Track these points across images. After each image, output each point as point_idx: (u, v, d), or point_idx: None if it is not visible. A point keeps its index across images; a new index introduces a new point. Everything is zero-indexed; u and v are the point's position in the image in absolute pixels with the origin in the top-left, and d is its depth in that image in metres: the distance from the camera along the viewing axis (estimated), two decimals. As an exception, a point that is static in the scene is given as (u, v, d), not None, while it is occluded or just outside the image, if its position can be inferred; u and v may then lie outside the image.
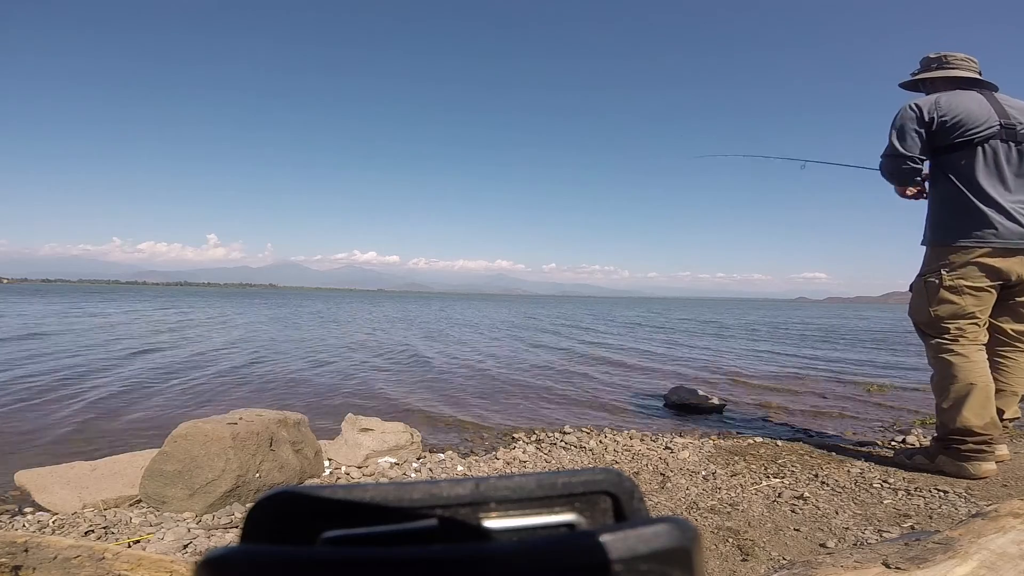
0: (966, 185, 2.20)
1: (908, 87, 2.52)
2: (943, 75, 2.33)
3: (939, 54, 2.39)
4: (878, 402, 4.41)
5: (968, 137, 2.17)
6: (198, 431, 2.09)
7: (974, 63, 2.33)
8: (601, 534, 0.15)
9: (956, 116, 2.18)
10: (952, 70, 2.33)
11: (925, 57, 2.44)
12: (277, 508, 0.17)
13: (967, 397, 2.15)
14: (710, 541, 1.62)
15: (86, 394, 4.32)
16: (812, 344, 10.36)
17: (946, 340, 2.25)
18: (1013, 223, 2.14)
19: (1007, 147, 2.17)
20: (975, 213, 2.17)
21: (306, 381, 5.32)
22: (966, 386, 2.16)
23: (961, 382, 2.18)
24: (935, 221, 2.33)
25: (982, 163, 2.17)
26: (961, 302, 2.22)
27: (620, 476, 0.20)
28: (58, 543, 0.82)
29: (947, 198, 2.26)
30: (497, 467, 2.53)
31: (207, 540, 1.72)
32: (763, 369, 6.59)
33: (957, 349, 2.22)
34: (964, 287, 2.21)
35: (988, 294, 2.22)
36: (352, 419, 2.76)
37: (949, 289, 2.23)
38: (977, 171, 2.18)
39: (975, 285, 2.20)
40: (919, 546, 0.81)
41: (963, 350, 2.22)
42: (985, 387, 2.16)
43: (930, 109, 2.22)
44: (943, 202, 2.28)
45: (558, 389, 5.04)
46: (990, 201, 2.16)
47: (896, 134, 2.30)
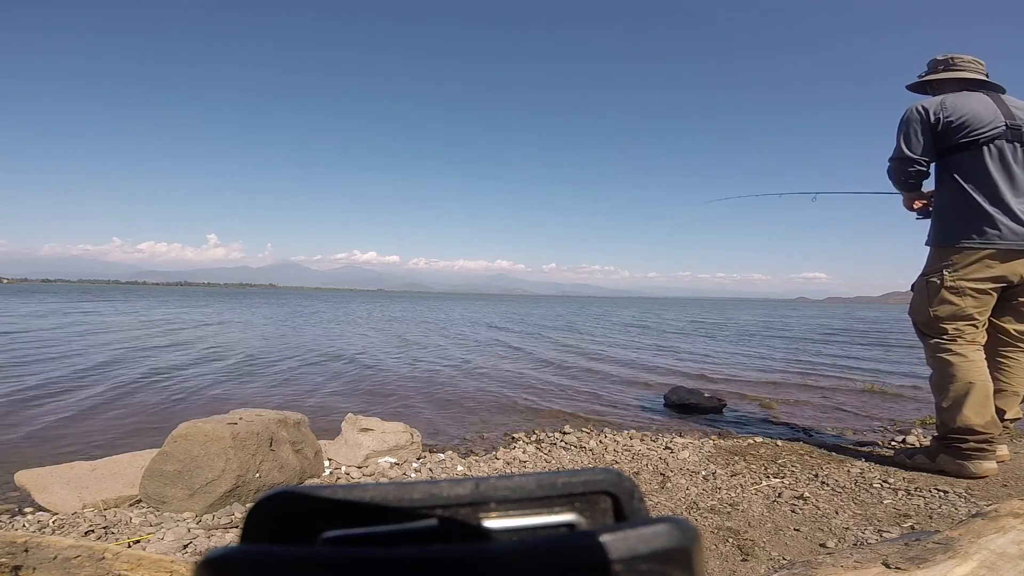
0: (971, 186, 2.19)
1: (915, 89, 2.52)
2: (950, 77, 2.33)
3: (946, 56, 2.39)
4: (878, 402, 4.41)
5: (973, 137, 2.17)
6: (198, 431, 2.09)
7: (981, 65, 2.33)
8: (601, 534, 0.15)
9: (962, 117, 2.18)
10: (959, 72, 2.32)
11: (932, 59, 2.44)
12: (277, 508, 0.17)
13: (966, 396, 2.14)
14: (710, 541, 1.62)
15: (86, 394, 4.32)
16: (812, 344, 10.35)
17: (944, 340, 2.25)
18: (1019, 224, 2.13)
19: (1013, 147, 2.16)
20: (980, 214, 2.17)
21: (306, 381, 5.32)
22: (965, 385, 2.16)
23: (960, 381, 2.17)
24: (940, 222, 2.32)
25: (988, 164, 2.16)
26: (961, 303, 2.21)
27: (620, 476, 0.20)
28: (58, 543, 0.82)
29: (952, 199, 2.25)
30: (497, 467, 2.53)
31: (207, 540, 1.72)
32: (763, 369, 6.58)
33: (955, 349, 2.22)
34: (966, 288, 2.20)
35: (989, 296, 2.21)
36: (352, 419, 2.76)
37: (950, 290, 2.23)
38: (982, 172, 2.17)
39: (977, 287, 2.19)
40: (919, 546, 0.81)
41: (961, 350, 2.21)
42: (984, 386, 2.16)
43: (936, 110, 2.22)
44: (948, 203, 2.27)
45: (558, 389, 5.04)
46: (995, 202, 2.15)
47: (903, 137, 2.31)
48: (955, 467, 2.16)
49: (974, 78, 2.30)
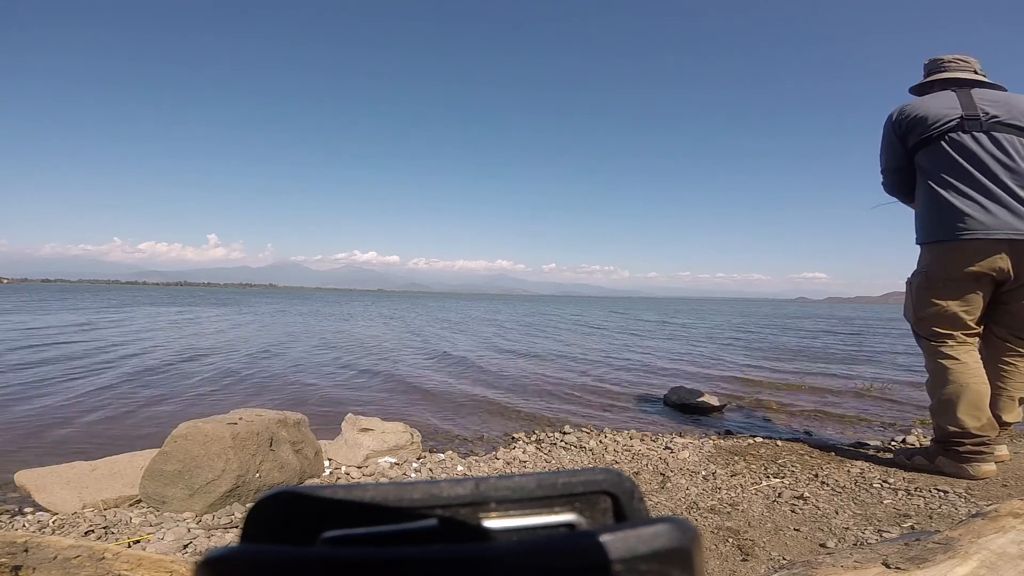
0: (933, 182, 2.20)
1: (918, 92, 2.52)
2: (936, 79, 2.35)
3: (931, 59, 2.42)
4: (878, 402, 4.41)
5: (928, 134, 2.19)
6: (198, 431, 2.09)
7: (967, 63, 2.31)
8: (601, 534, 0.15)
9: (913, 116, 2.22)
10: (941, 73, 2.34)
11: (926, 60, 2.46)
12: (277, 508, 0.17)
13: (959, 399, 2.12)
14: (710, 541, 1.62)
15: (86, 394, 4.32)
16: (812, 344, 10.35)
17: (935, 342, 2.24)
18: (986, 214, 2.09)
19: (971, 137, 2.12)
20: (945, 209, 2.16)
21: (306, 381, 5.32)
22: (957, 388, 2.14)
23: (952, 384, 2.15)
24: (916, 222, 2.35)
25: (947, 158, 2.16)
26: (942, 303, 2.20)
27: (620, 476, 0.20)
28: (58, 543, 0.82)
29: (922, 198, 2.27)
30: (497, 467, 2.53)
31: (207, 540, 1.72)
32: (763, 369, 6.58)
33: (946, 351, 2.20)
34: (943, 287, 2.19)
35: (973, 294, 2.16)
36: (352, 419, 2.76)
37: (929, 290, 2.23)
38: (943, 166, 2.17)
39: (955, 284, 2.16)
40: (919, 546, 0.81)
41: (952, 352, 2.19)
42: (977, 389, 2.13)
43: (896, 116, 2.28)
44: (921, 202, 2.30)
45: (558, 388, 5.04)
46: (959, 195, 2.13)
47: (881, 149, 2.39)
48: (954, 469, 2.15)
49: (956, 77, 2.29)
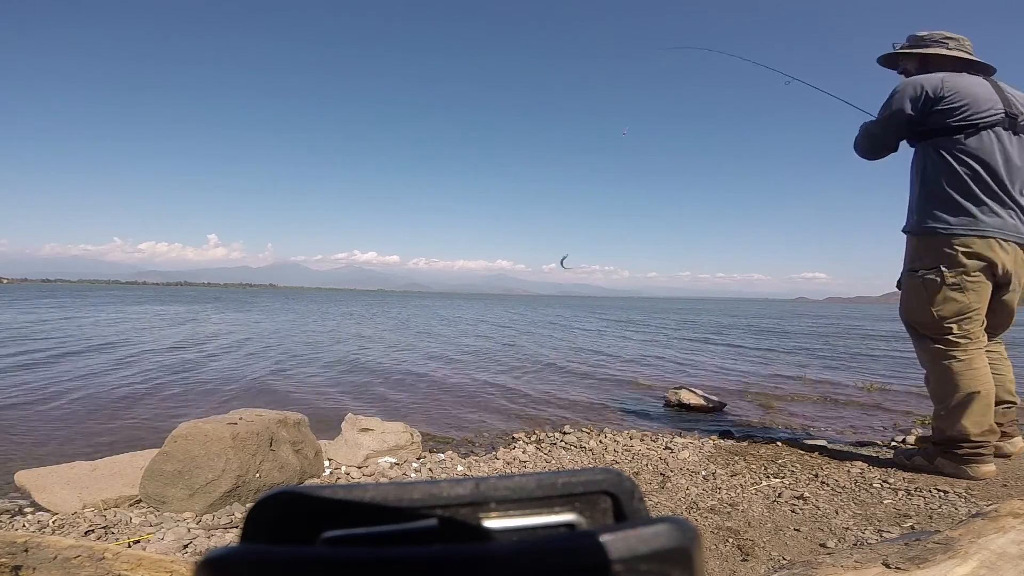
0: (967, 171, 2.07)
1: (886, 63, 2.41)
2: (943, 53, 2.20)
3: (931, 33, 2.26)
4: (878, 402, 4.41)
5: (973, 121, 2.06)
6: (198, 431, 2.09)
7: (968, 43, 2.23)
8: (601, 534, 0.15)
9: (963, 98, 2.07)
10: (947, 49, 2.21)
11: (913, 35, 2.32)
12: (277, 508, 0.17)
13: (968, 406, 2.07)
14: (710, 541, 1.62)
15: (86, 394, 4.32)
16: (812, 344, 10.35)
17: (948, 344, 2.14)
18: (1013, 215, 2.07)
19: (1009, 135, 2.08)
20: (977, 202, 2.06)
21: (306, 381, 5.32)
22: (967, 395, 2.08)
23: (963, 391, 2.09)
24: (930, 209, 2.17)
25: (987, 150, 2.06)
26: (965, 299, 2.10)
27: (620, 476, 0.20)
28: (58, 543, 0.82)
29: (948, 184, 2.11)
30: (497, 467, 2.53)
31: (207, 540, 1.72)
32: (763, 369, 6.58)
33: (959, 355, 2.12)
34: (967, 283, 2.09)
35: (988, 289, 2.12)
36: (352, 419, 2.76)
37: (952, 286, 2.10)
38: (981, 158, 2.07)
39: (976, 280, 2.09)
40: (919, 546, 0.81)
41: (966, 355, 2.11)
42: (987, 395, 2.08)
43: (936, 88, 2.09)
44: (945, 187, 2.12)
45: (558, 388, 5.04)
46: (990, 190, 2.06)
47: (891, 111, 2.20)
48: (953, 470, 2.13)
49: (967, 59, 2.19)
